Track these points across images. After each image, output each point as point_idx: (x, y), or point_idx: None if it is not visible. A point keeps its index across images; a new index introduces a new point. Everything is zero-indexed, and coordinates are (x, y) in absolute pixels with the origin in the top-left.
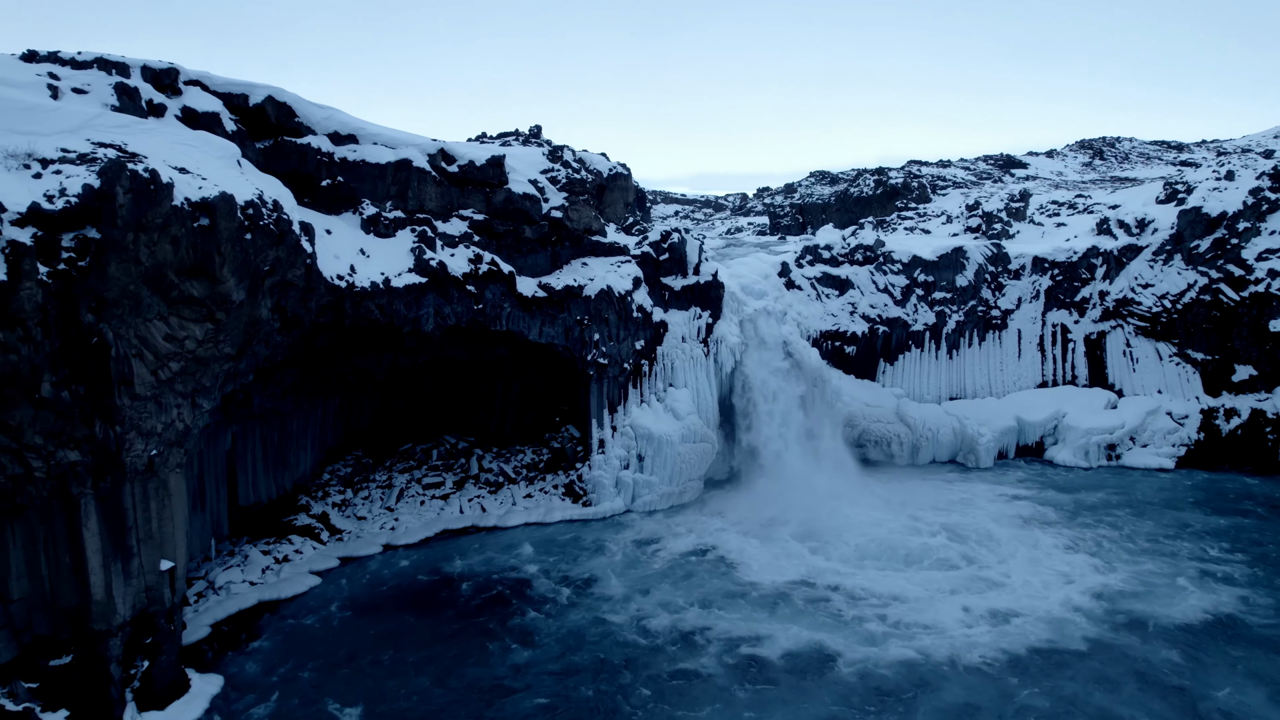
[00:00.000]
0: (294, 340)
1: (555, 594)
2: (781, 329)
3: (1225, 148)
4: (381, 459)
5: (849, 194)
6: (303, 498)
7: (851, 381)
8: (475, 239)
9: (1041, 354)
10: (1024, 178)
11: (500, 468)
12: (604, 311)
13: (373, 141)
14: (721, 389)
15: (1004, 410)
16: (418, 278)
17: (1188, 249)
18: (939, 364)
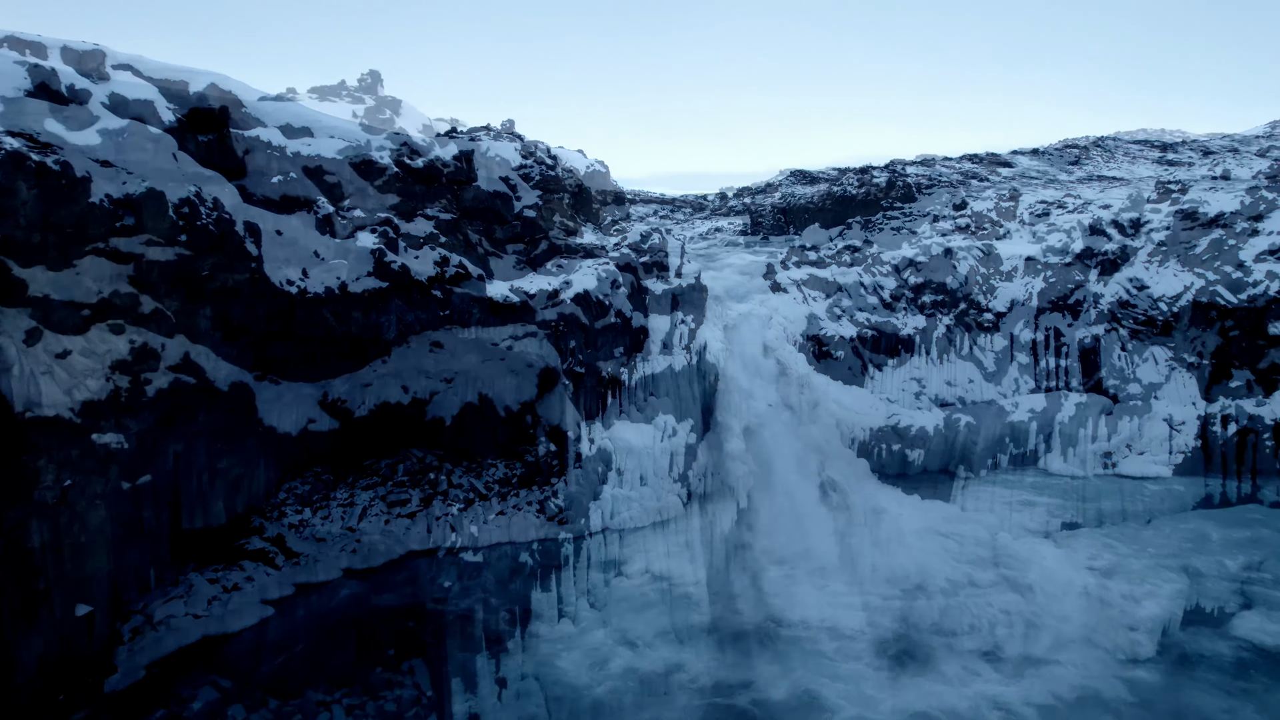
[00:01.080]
0: (241, 350)
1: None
2: (766, 334)
3: (1209, 146)
4: (343, 476)
5: (832, 194)
6: (256, 519)
7: (839, 388)
8: (442, 240)
9: (1035, 358)
10: (1011, 176)
11: (470, 483)
12: (580, 317)
13: (329, 135)
14: (705, 397)
15: (996, 416)
16: (378, 282)
17: (1184, 250)
18: (929, 369)
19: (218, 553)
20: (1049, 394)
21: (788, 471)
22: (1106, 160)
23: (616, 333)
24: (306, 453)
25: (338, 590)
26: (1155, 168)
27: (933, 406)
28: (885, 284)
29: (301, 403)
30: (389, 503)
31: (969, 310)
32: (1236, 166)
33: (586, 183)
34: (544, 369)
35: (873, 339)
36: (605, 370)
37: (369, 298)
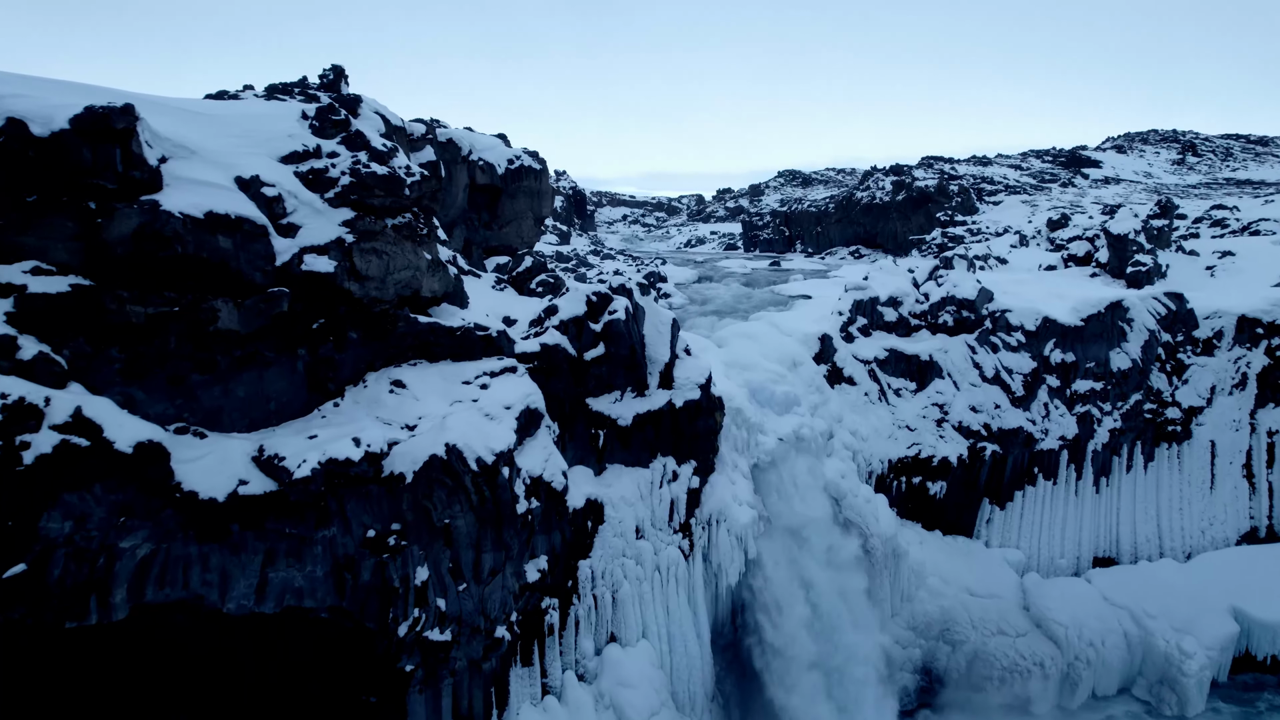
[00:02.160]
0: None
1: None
2: (826, 468)
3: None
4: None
5: (855, 200)
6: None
7: (937, 544)
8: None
9: (1250, 482)
10: (1100, 180)
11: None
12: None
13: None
14: (718, 617)
15: (1199, 590)
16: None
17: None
18: (1079, 502)
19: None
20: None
21: (800, 515)
22: (1222, 158)
23: (610, 365)
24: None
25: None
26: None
27: (1082, 563)
28: (1015, 363)
29: (230, 461)
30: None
31: (1144, 404)
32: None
33: (508, 187)
34: (525, 410)
35: (994, 458)
36: (596, 408)
37: (319, 331)
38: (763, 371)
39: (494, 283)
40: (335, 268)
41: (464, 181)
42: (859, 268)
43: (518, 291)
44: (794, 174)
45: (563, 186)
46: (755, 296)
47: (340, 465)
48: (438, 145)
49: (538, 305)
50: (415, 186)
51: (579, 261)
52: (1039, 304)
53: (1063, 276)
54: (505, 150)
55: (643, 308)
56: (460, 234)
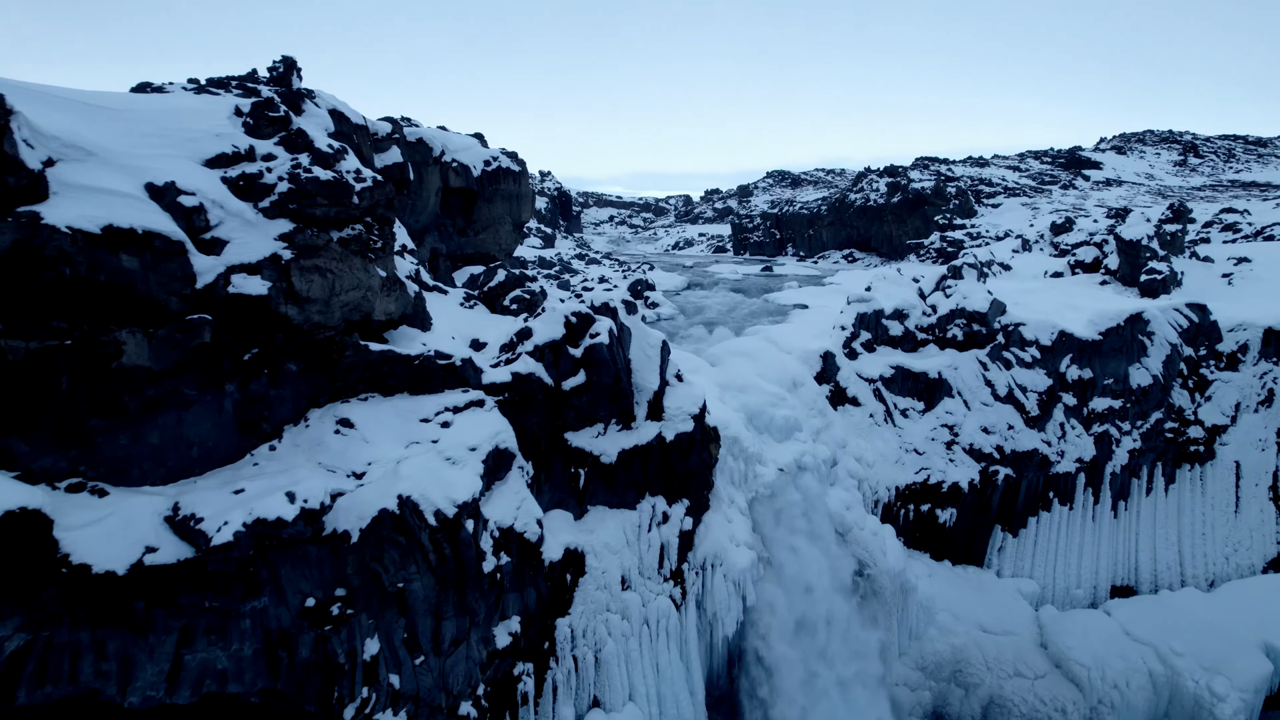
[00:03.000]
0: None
1: None
2: (829, 498)
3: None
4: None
5: (848, 202)
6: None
7: (946, 576)
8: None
9: (1277, 505)
10: (1100, 182)
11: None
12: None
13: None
14: (712, 669)
15: (1227, 623)
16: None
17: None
18: (1096, 528)
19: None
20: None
21: (802, 553)
22: (1224, 159)
23: (592, 395)
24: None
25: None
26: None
27: (1099, 593)
28: (1029, 380)
29: (136, 524)
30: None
31: (1165, 423)
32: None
33: (485, 190)
34: (493, 451)
35: (1006, 482)
36: (576, 444)
37: (252, 363)
38: (761, 394)
39: (462, 299)
40: (270, 289)
41: (436, 185)
42: (855, 274)
43: (489, 309)
44: (783, 174)
45: (547, 188)
46: (748, 305)
47: (271, 526)
48: (406, 145)
49: (511, 326)
50: (367, 194)
51: (562, 267)
52: (1053, 316)
53: (1071, 284)
54: (481, 151)
55: (628, 329)
56: (432, 241)
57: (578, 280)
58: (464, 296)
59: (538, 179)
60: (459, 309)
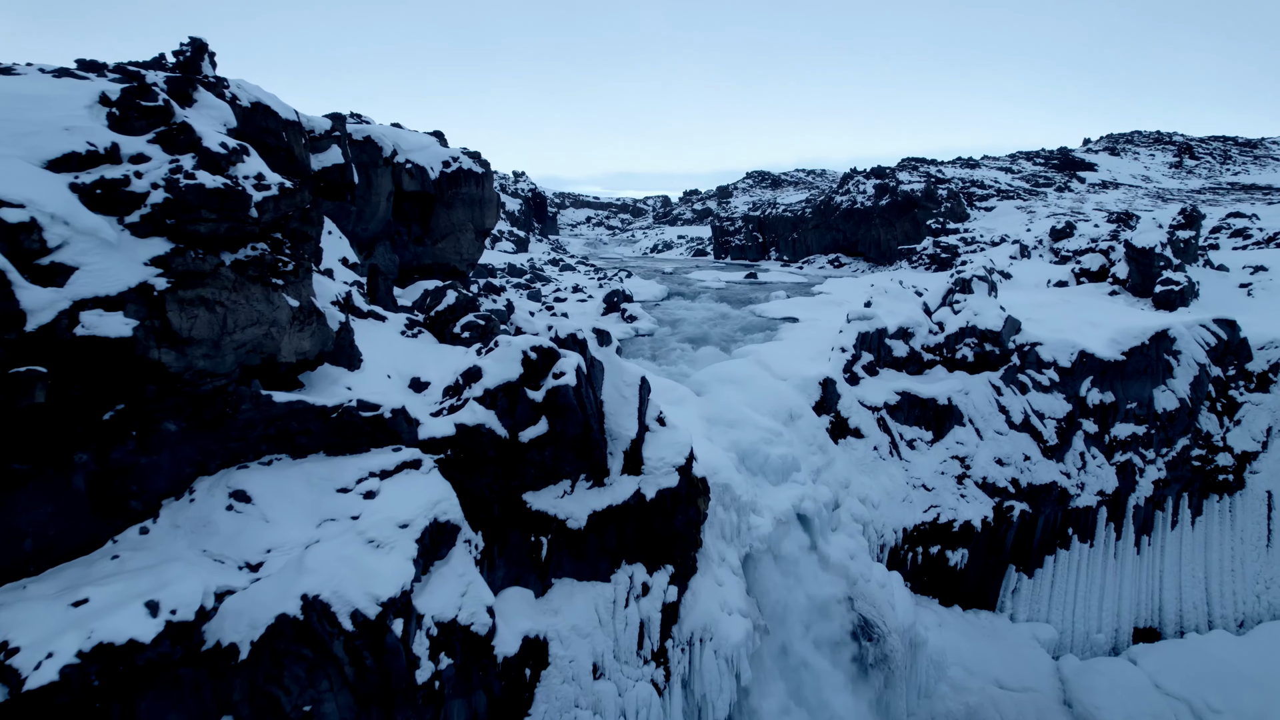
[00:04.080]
0: None
1: None
2: (832, 548)
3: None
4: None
5: (834, 205)
6: None
7: (957, 624)
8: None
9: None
10: (1097, 184)
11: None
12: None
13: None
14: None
15: (1263, 672)
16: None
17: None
18: (1118, 566)
19: None
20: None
21: (803, 616)
22: (1221, 161)
23: (556, 447)
24: None
25: None
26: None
27: (1121, 638)
28: (1047, 406)
29: None
30: None
31: (1192, 450)
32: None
33: (444, 194)
34: (431, 526)
35: (1022, 518)
36: (538, 507)
37: (114, 424)
38: (754, 429)
39: (405, 326)
40: (136, 329)
41: (387, 189)
42: (844, 282)
43: (437, 337)
44: (763, 175)
45: (521, 189)
46: (734, 318)
47: (121, 652)
48: (352, 144)
49: (461, 359)
50: (271, 204)
51: (534, 275)
52: (1071, 334)
53: (1077, 295)
54: (439, 151)
55: (600, 364)
56: (384, 252)
57: (550, 290)
58: (406, 323)
59: (511, 179)
60: (399, 339)
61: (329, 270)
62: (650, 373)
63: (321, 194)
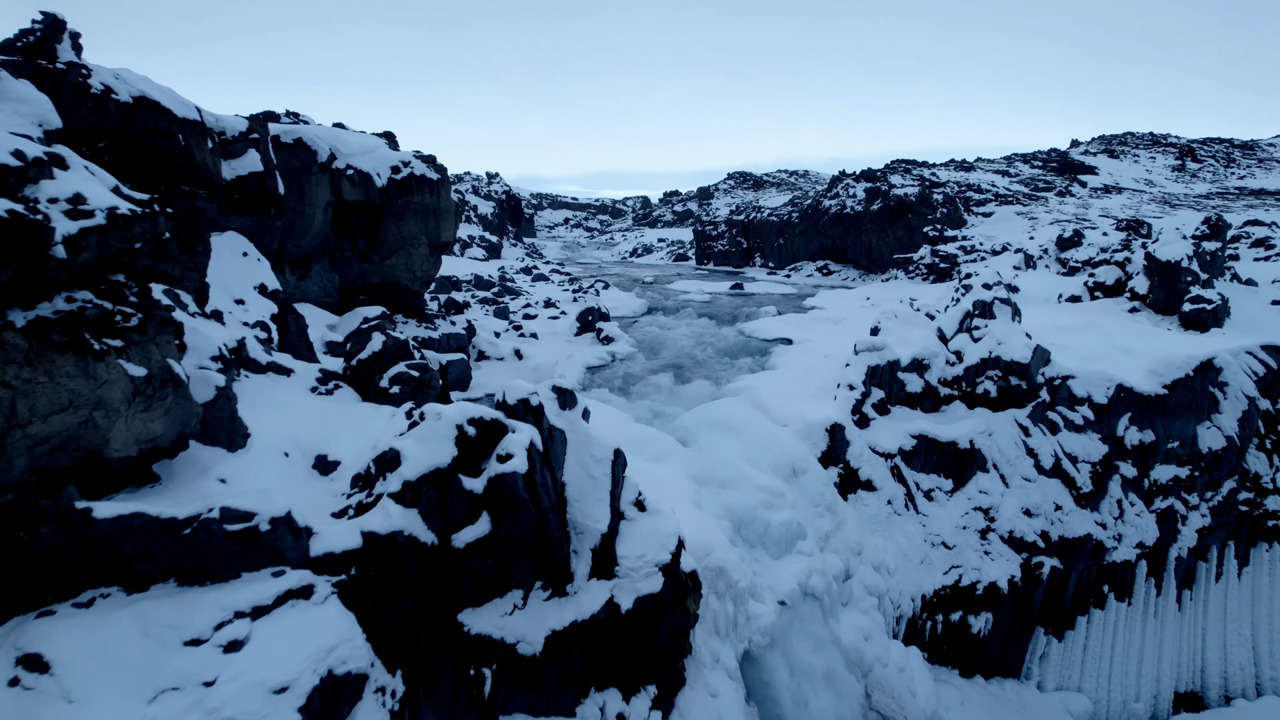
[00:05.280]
0: None
1: None
2: (843, 627)
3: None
4: None
5: (822, 209)
6: None
7: (980, 698)
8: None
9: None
10: (1099, 188)
11: None
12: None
13: None
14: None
15: None
16: None
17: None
18: (1158, 625)
19: None
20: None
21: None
22: (1225, 164)
23: (502, 552)
24: None
25: None
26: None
27: (1161, 707)
28: (1079, 447)
29: None
30: None
31: (1239, 493)
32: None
33: (392, 205)
34: (323, 684)
35: (1052, 576)
36: (478, 630)
37: None
38: (751, 490)
39: (317, 380)
40: None
41: (324, 198)
42: (837, 294)
43: (359, 393)
44: (744, 176)
45: (495, 191)
46: (721, 339)
47: None
48: (280, 148)
49: (387, 426)
50: (95, 239)
51: (502, 287)
52: (1105, 364)
53: (1096, 312)
54: (388, 154)
55: (563, 434)
56: (321, 271)
57: (519, 305)
58: (320, 376)
59: (484, 181)
60: (309, 399)
61: (217, 312)
62: (627, 412)
63: (236, 208)
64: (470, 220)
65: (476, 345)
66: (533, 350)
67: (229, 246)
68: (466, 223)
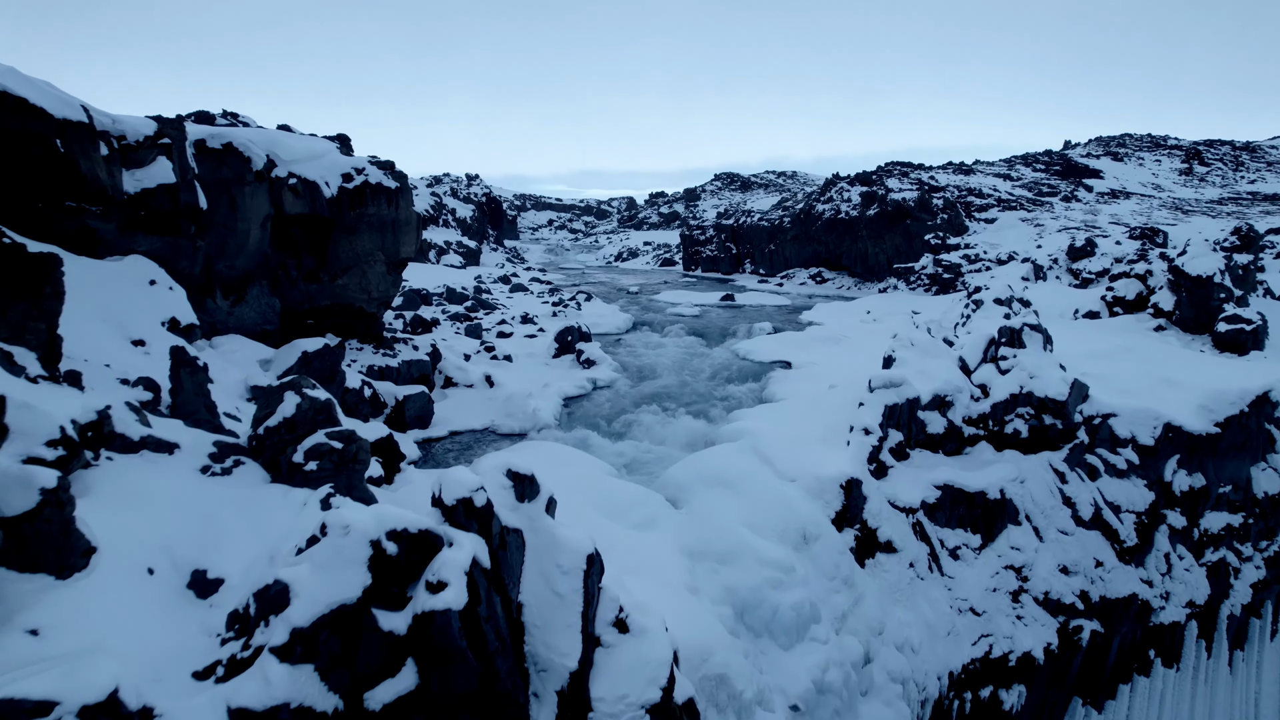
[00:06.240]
0: None
1: None
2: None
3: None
4: None
5: (814, 214)
6: None
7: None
8: None
9: None
10: (1105, 193)
11: None
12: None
13: None
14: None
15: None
16: None
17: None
18: (1209, 692)
19: None
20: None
21: None
22: (1234, 167)
23: (433, 712)
24: None
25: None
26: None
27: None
28: (1121, 494)
29: None
30: None
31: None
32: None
33: (343, 218)
34: None
35: (1092, 641)
36: None
37: None
38: (755, 565)
39: (209, 456)
40: None
41: (262, 212)
42: (835, 309)
43: (268, 471)
44: (732, 177)
45: (474, 193)
46: (713, 362)
47: None
48: (206, 155)
49: (296, 520)
50: None
51: (475, 301)
52: (1148, 398)
53: (1116, 330)
54: (338, 161)
55: (519, 536)
56: (260, 295)
57: (494, 322)
58: (213, 450)
59: (464, 183)
60: (195, 484)
61: (74, 374)
62: (608, 455)
63: (142, 226)
64: (448, 224)
65: (443, 370)
66: (506, 376)
67: (131, 274)
68: (444, 227)
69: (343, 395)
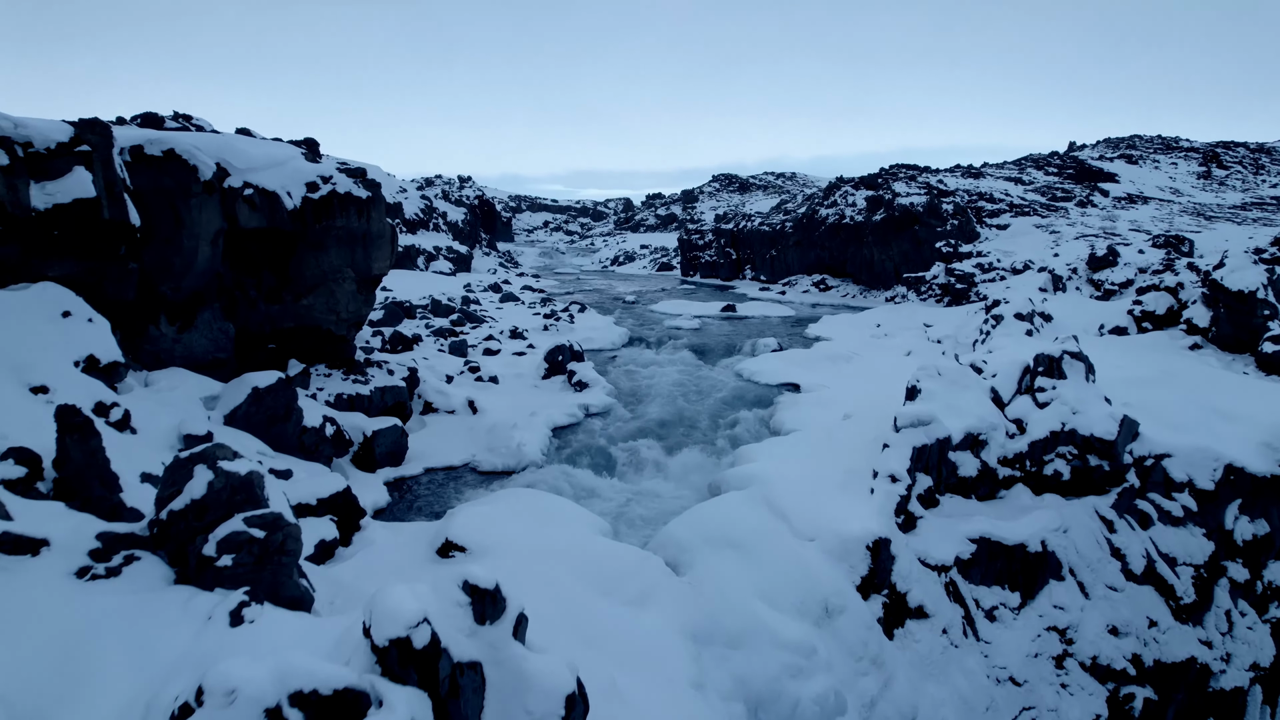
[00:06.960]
0: None
1: None
2: None
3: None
4: None
5: (818, 219)
6: None
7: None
8: None
9: None
10: (1122, 198)
11: None
12: None
13: None
14: None
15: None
16: None
17: None
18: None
19: None
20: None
21: None
22: (1254, 170)
23: None
24: None
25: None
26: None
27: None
28: (1176, 545)
29: None
30: None
31: None
32: None
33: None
34: None
35: (1145, 709)
36: None
37: None
38: (771, 649)
39: (91, 553)
40: None
41: (213, 226)
42: (843, 322)
43: (174, 565)
44: (730, 178)
45: (466, 196)
46: (716, 385)
47: None
48: (144, 164)
49: (195, 641)
50: None
51: (462, 313)
52: (1203, 435)
53: (1148, 348)
54: (302, 168)
55: (478, 673)
56: (212, 320)
57: (480, 336)
58: (98, 545)
59: (455, 185)
60: (65, 593)
61: None
62: (599, 496)
63: (56, 249)
64: (439, 229)
65: (422, 395)
66: (490, 400)
67: (38, 304)
68: (435, 231)
69: (300, 436)
